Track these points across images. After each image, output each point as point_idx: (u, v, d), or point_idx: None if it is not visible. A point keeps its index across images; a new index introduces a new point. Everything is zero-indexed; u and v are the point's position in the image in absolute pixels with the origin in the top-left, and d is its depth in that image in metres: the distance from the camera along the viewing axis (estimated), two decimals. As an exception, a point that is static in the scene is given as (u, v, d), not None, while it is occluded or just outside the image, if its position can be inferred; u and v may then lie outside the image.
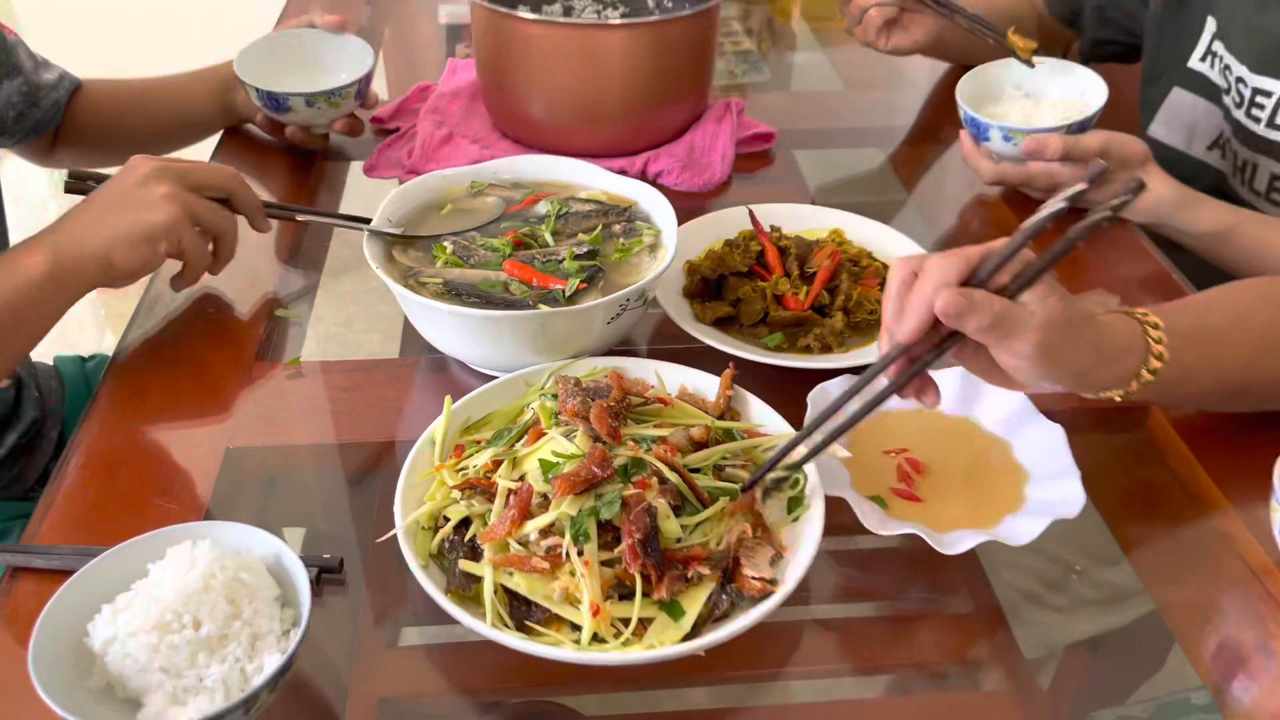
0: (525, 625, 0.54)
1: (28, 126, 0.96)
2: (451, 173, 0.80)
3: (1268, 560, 0.62)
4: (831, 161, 1.08)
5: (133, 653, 0.49)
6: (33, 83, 0.95)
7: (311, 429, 0.71)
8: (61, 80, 0.98)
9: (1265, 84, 0.95)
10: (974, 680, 0.57)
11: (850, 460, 0.65)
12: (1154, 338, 0.59)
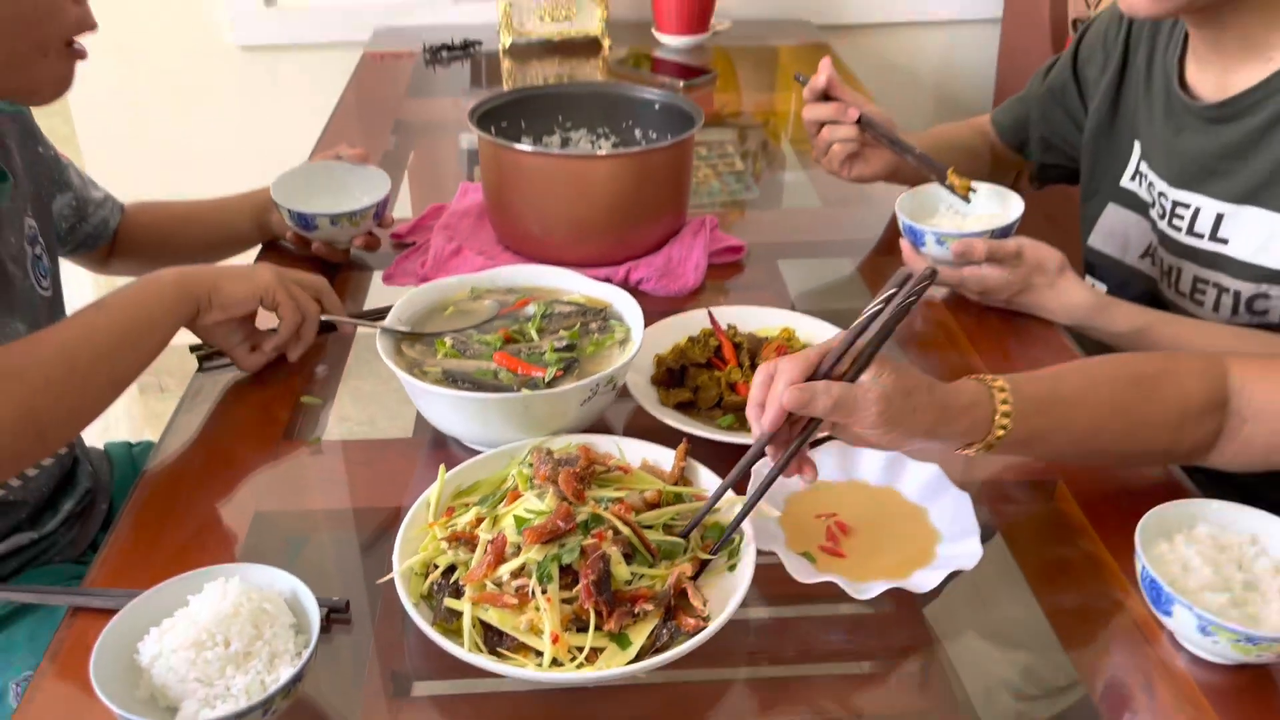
0: (497, 651, 0.64)
1: (79, 239, 1.12)
2: (455, 280, 0.93)
3: (1145, 614, 0.71)
4: (810, 270, 1.21)
5: (174, 666, 0.60)
6: (81, 198, 1.11)
7: (328, 497, 0.83)
8: (106, 200, 1.15)
9: (1183, 197, 1.08)
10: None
11: (786, 521, 0.76)
12: (1000, 399, 0.70)
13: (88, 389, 0.83)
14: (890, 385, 0.66)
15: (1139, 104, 1.14)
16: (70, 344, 0.82)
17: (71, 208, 1.10)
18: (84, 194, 1.12)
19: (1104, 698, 0.67)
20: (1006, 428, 0.70)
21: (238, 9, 2.00)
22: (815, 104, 1.17)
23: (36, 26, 0.83)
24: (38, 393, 0.79)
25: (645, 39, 1.92)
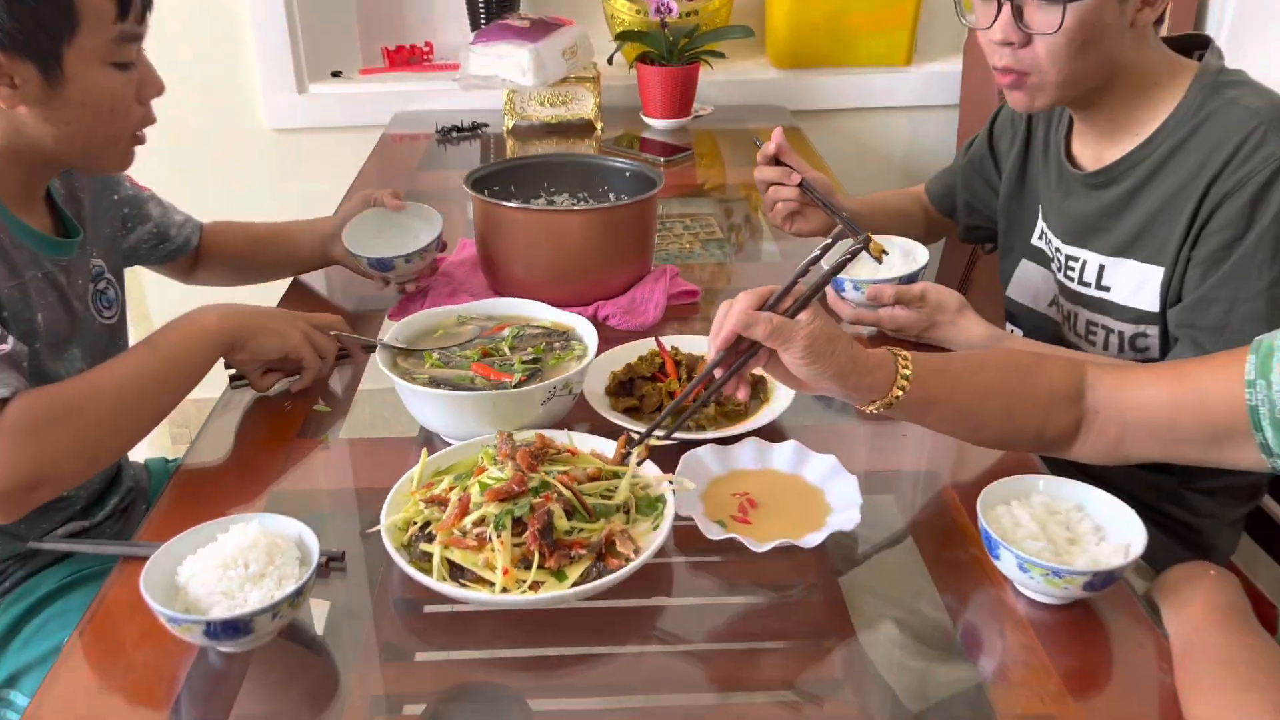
0: (460, 582, 0.81)
1: (161, 255, 1.32)
2: (444, 309, 1.12)
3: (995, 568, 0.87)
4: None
5: (204, 582, 0.76)
6: (162, 224, 1.30)
7: (332, 480, 1.00)
8: (187, 222, 1.34)
9: (1073, 251, 1.26)
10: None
11: (706, 497, 0.93)
12: (901, 364, 0.87)
13: (138, 421, 1.00)
14: (818, 327, 0.84)
15: (1039, 173, 1.33)
16: (124, 382, 0.99)
17: (152, 234, 1.30)
18: (164, 220, 1.32)
19: (964, 634, 0.82)
20: (905, 388, 0.86)
21: (273, 96, 2.24)
22: (765, 166, 1.36)
23: (109, 124, 1.02)
24: (94, 426, 0.96)
25: (635, 122, 2.15)
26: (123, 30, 0.99)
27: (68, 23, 0.95)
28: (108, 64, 0.99)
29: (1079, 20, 1.05)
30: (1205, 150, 1.10)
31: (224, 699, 0.76)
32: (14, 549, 1.11)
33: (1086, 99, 1.16)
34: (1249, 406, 0.86)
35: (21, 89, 0.96)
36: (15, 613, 1.09)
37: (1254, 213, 1.06)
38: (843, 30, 2.25)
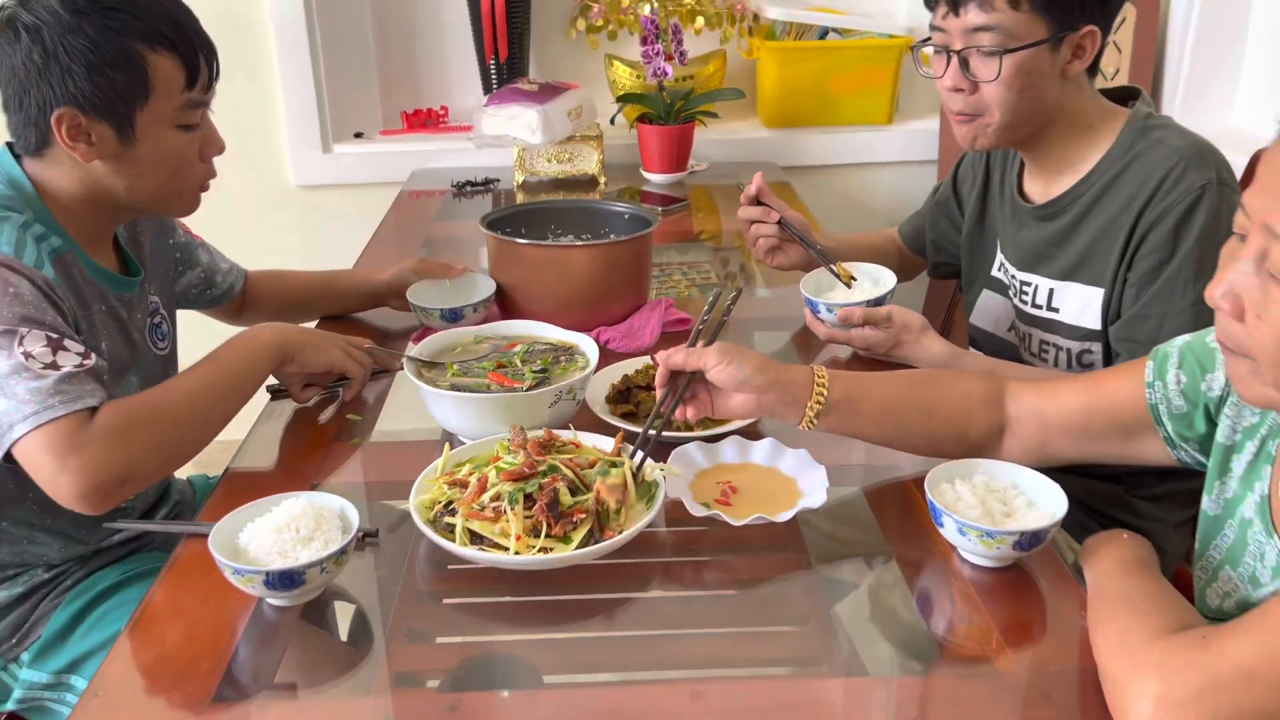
0: (479, 548, 0.93)
1: (208, 299, 1.46)
2: (464, 330, 1.27)
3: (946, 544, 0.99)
4: (750, 338, 1.53)
5: (261, 544, 0.90)
6: (209, 270, 1.45)
7: (365, 475, 1.13)
8: (233, 269, 1.49)
9: (1026, 277, 1.41)
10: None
11: (693, 485, 1.06)
12: (818, 376, 1.01)
13: (207, 425, 1.13)
14: (726, 345, 1.02)
15: (996, 210, 1.48)
16: (194, 391, 1.12)
17: (200, 278, 1.44)
18: (212, 266, 1.46)
19: (919, 597, 0.95)
20: (824, 387, 1.01)
21: (300, 155, 2.42)
22: (748, 206, 1.52)
23: (174, 179, 1.17)
24: (171, 430, 1.08)
25: (635, 177, 2.32)
26: (189, 98, 1.14)
27: (141, 90, 1.10)
28: (175, 126, 1.14)
29: (1015, 68, 1.22)
30: (1136, 184, 1.25)
31: (277, 646, 0.89)
32: (75, 551, 1.24)
33: (1031, 140, 1.32)
34: (1150, 404, 1.00)
35: (98, 146, 1.11)
36: (76, 607, 1.21)
37: (1178, 238, 1.21)
38: (828, 92, 2.43)
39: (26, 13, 1.07)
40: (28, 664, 1.20)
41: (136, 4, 1.09)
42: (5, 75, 1.09)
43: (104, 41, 1.07)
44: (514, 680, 0.86)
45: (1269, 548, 0.89)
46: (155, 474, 1.08)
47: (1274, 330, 0.75)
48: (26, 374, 0.99)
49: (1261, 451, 0.92)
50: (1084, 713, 0.80)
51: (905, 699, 0.83)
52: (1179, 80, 2.28)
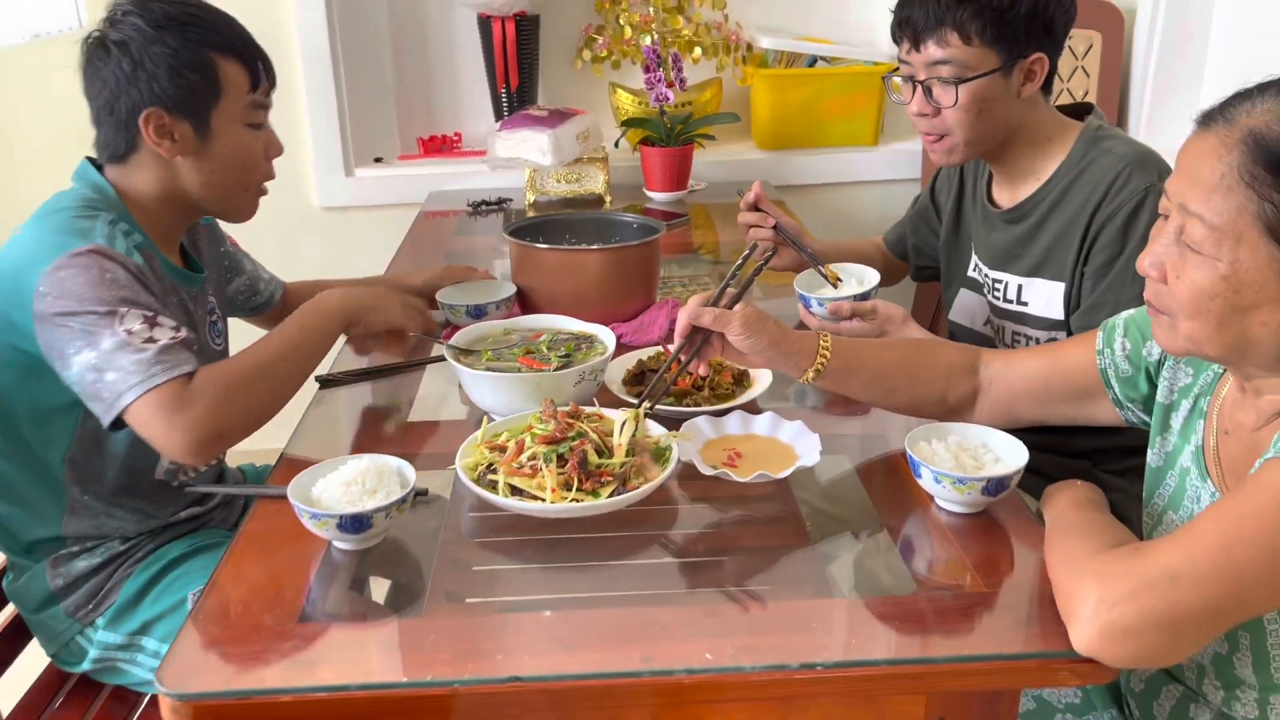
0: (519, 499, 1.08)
1: (251, 306, 1.62)
2: (493, 323, 1.42)
3: (926, 499, 1.13)
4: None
5: (333, 494, 1.04)
6: (252, 279, 1.61)
7: (410, 449, 1.27)
8: (272, 280, 1.65)
9: (997, 275, 1.56)
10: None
11: (703, 452, 1.20)
12: (822, 339, 1.16)
13: (289, 383, 1.27)
14: (750, 310, 1.15)
15: (970, 216, 1.64)
16: (276, 354, 1.27)
17: (245, 286, 1.60)
18: (255, 275, 1.62)
19: (901, 544, 1.09)
20: (826, 355, 1.16)
21: (324, 179, 2.58)
22: (746, 213, 1.68)
23: (243, 174, 1.35)
24: (259, 387, 1.22)
25: (638, 195, 2.47)
26: (253, 99, 1.33)
27: (214, 90, 1.29)
28: (244, 124, 1.33)
29: (971, 95, 1.38)
30: (1089, 188, 1.41)
31: (345, 583, 1.02)
32: (147, 525, 1.38)
33: (995, 152, 1.48)
34: (1100, 369, 1.15)
35: (180, 143, 1.29)
36: (147, 575, 1.35)
37: (1126, 234, 1.37)
38: (817, 115, 2.60)
39: (115, 31, 1.26)
40: (103, 627, 1.34)
41: (207, 20, 1.29)
42: (97, 88, 1.27)
43: (182, 49, 1.25)
44: (550, 601, 0.99)
45: (1204, 490, 1.04)
46: (247, 428, 1.22)
47: (1187, 287, 0.91)
48: (129, 349, 1.14)
49: (1195, 408, 1.07)
50: (1038, 620, 0.94)
51: (886, 612, 0.97)
52: (1143, 99, 2.45)
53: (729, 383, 1.34)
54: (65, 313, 1.16)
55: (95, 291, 1.16)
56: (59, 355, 1.17)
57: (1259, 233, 0.87)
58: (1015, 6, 1.35)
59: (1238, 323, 0.90)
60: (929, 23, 1.38)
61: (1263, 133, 0.87)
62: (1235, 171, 0.87)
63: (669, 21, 2.51)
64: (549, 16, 2.57)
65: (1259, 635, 0.98)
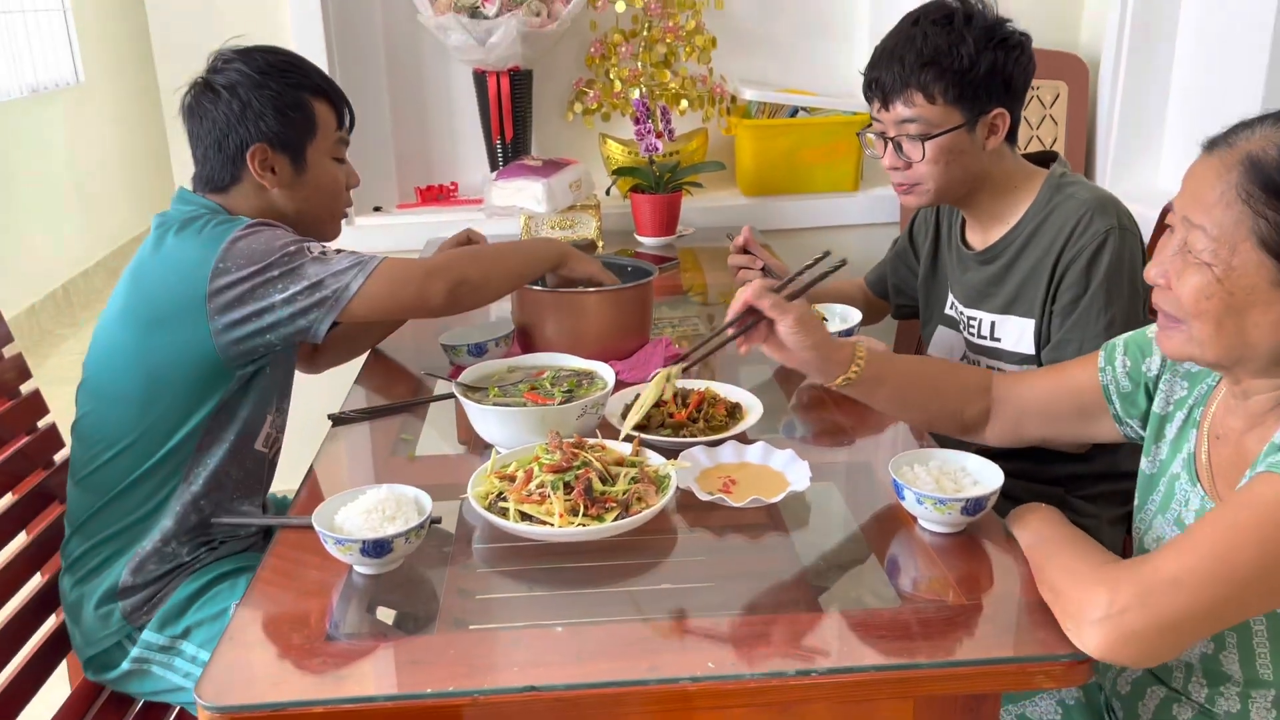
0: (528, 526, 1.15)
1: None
2: (498, 362, 1.49)
3: (906, 514, 1.21)
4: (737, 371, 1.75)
5: (355, 521, 1.11)
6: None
7: (421, 480, 1.34)
8: None
9: (972, 313, 1.65)
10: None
11: (699, 479, 1.28)
12: (859, 350, 1.25)
13: (503, 277, 1.54)
14: (804, 308, 1.24)
15: (946, 257, 1.74)
16: (498, 250, 1.59)
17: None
18: None
19: (888, 563, 1.16)
20: (860, 366, 1.25)
21: (324, 227, 2.66)
22: (736, 255, 1.77)
23: (330, 202, 1.55)
24: (483, 263, 1.51)
25: (629, 240, 2.57)
26: (339, 136, 1.54)
27: (310, 128, 1.48)
28: (331, 158, 1.52)
29: (937, 150, 1.49)
30: (1054, 231, 1.51)
31: (366, 605, 1.09)
32: (204, 540, 1.49)
33: (965, 199, 1.58)
34: (1102, 385, 1.25)
35: (279, 175, 1.47)
36: (197, 585, 1.45)
37: (1089, 275, 1.47)
38: (799, 163, 2.71)
39: (220, 77, 1.45)
40: (150, 627, 1.42)
41: (302, 66, 1.50)
42: (206, 127, 1.45)
43: (284, 92, 1.45)
44: (559, 619, 1.06)
45: (1193, 495, 1.13)
46: (477, 287, 1.49)
47: (1187, 289, 1.01)
48: (331, 260, 1.39)
49: (1189, 418, 1.17)
50: (1016, 629, 1.02)
51: (875, 624, 1.04)
52: (1109, 148, 2.57)
53: (722, 415, 1.42)
54: (257, 270, 1.35)
55: (278, 241, 1.37)
56: (257, 312, 1.37)
57: (1253, 244, 0.97)
58: (975, 68, 1.46)
59: (1233, 324, 1.00)
60: (895, 84, 1.49)
61: (1259, 156, 0.98)
62: (1234, 190, 0.98)
63: (657, 75, 2.62)
64: (542, 71, 2.68)
65: (1245, 633, 1.07)
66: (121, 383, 1.42)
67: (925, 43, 1.47)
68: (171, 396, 1.41)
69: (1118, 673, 1.22)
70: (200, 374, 1.41)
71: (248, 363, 1.44)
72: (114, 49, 6.18)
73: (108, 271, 5.86)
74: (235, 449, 1.48)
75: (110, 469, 1.44)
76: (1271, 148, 0.97)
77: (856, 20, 2.78)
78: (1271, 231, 0.96)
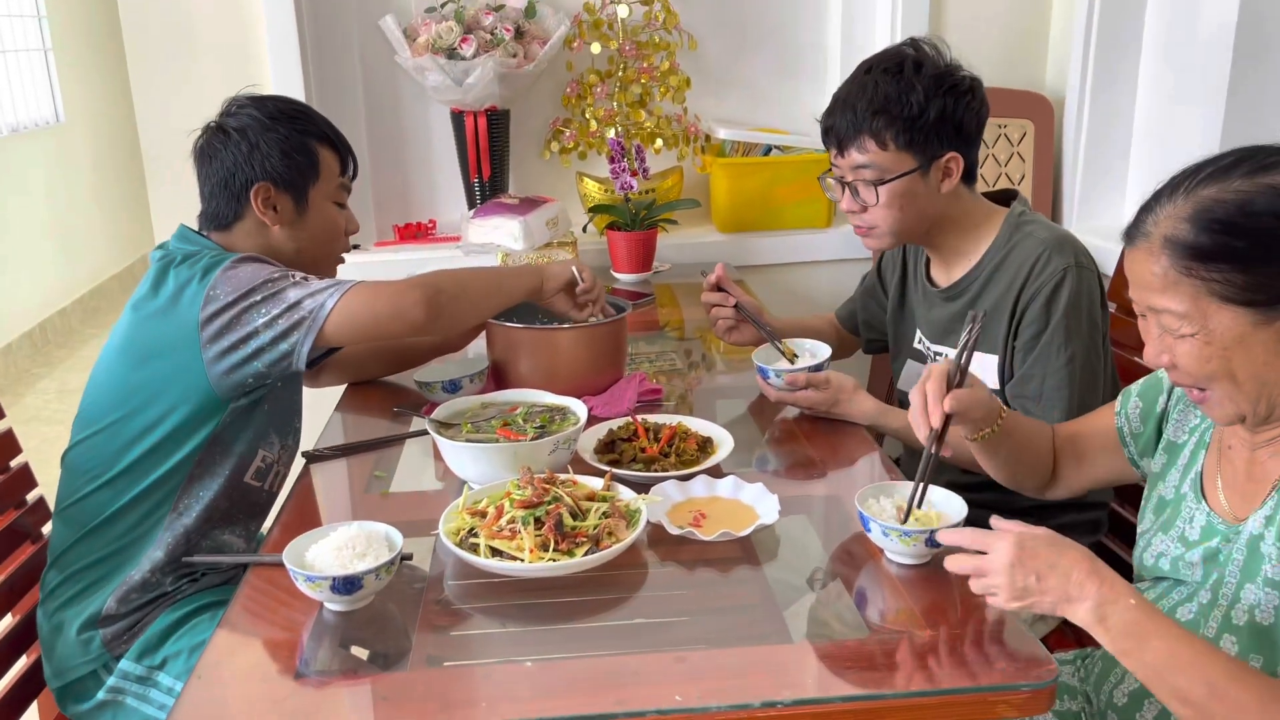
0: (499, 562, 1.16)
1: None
2: (472, 398, 1.51)
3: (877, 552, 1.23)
4: (713, 406, 1.78)
5: (326, 559, 1.11)
6: None
7: (393, 517, 1.35)
8: None
9: (938, 348, 1.68)
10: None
11: (670, 514, 1.29)
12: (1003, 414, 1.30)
13: (478, 298, 1.57)
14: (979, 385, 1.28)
15: (913, 293, 1.77)
16: (474, 273, 1.59)
17: None
18: None
19: (856, 595, 1.18)
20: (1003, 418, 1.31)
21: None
22: (709, 292, 1.79)
23: (328, 245, 1.60)
24: (459, 283, 1.53)
25: (606, 277, 2.59)
26: (341, 182, 1.60)
27: (314, 171, 1.55)
28: (332, 202, 1.58)
29: (891, 194, 1.53)
30: (1014, 269, 1.54)
31: (333, 643, 1.09)
32: (186, 572, 1.49)
33: (926, 238, 1.62)
34: (1117, 428, 1.31)
35: (281, 213, 1.53)
36: (176, 615, 1.46)
37: (1049, 312, 1.50)
38: (772, 200, 2.76)
39: (233, 120, 1.53)
40: (128, 657, 1.43)
41: (310, 114, 1.58)
42: (215, 166, 1.51)
43: (291, 136, 1.52)
44: (529, 655, 1.07)
45: (1198, 512, 1.17)
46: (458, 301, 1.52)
47: (1188, 361, 1.06)
48: (310, 284, 1.43)
49: (1200, 441, 1.22)
50: (978, 660, 1.03)
51: (842, 655, 1.05)
52: (1075, 184, 2.63)
53: (694, 449, 1.44)
54: (244, 293, 1.39)
55: (265, 271, 1.42)
56: (243, 339, 1.40)
57: (1218, 304, 1.03)
58: (924, 114, 1.50)
59: (1245, 372, 1.05)
60: (849, 131, 1.54)
61: (1174, 236, 1.04)
62: (1171, 271, 1.04)
63: (632, 115, 2.66)
64: (519, 111, 2.72)
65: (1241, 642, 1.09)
66: (114, 414, 1.45)
67: (876, 91, 1.51)
68: (162, 428, 1.44)
69: (1114, 685, 1.24)
70: (193, 405, 1.44)
71: (241, 394, 1.47)
72: (94, 89, 6.21)
73: (85, 311, 5.85)
74: (229, 482, 1.51)
75: (93, 500, 1.46)
76: (1181, 224, 1.04)
77: (828, 60, 2.84)
78: (1226, 288, 1.02)
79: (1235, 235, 1.00)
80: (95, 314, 5.96)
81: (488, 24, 2.54)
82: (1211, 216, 1.02)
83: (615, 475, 1.34)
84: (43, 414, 4.46)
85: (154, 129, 2.55)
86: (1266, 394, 1.06)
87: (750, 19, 2.79)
